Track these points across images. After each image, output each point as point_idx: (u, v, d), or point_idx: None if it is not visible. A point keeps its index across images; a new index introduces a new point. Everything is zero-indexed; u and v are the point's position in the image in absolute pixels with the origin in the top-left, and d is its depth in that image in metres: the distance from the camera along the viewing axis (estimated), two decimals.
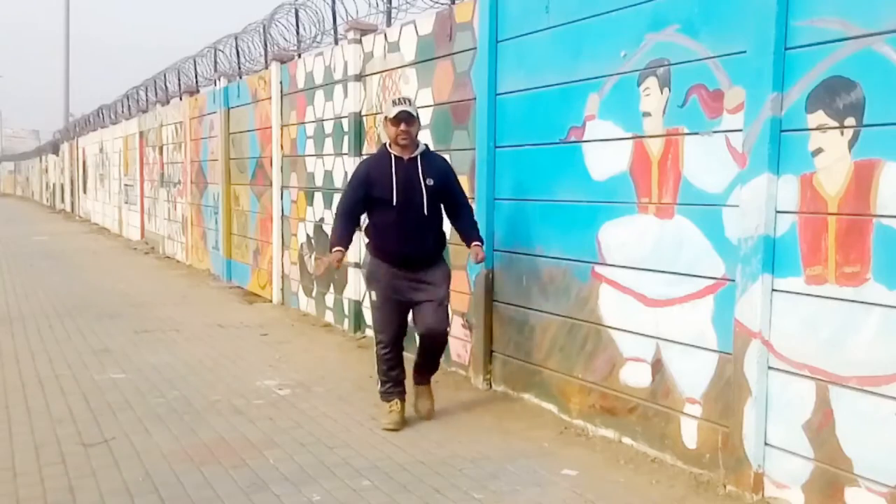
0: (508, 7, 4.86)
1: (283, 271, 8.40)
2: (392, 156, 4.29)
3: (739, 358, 3.35)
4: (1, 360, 5.85)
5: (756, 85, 3.25)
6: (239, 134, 9.73)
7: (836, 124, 3.01)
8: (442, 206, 4.41)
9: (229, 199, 10.15)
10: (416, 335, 4.56)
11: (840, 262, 3.01)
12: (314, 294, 7.64)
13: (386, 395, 4.39)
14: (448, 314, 4.48)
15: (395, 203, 4.23)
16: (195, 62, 12.18)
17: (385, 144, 4.40)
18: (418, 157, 4.31)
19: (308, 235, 7.74)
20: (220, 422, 4.44)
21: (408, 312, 4.43)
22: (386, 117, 4.33)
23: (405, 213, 4.24)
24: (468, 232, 4.50)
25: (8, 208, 31.56)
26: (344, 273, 6.86)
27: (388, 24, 6.51)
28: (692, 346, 3.62)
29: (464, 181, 4.88)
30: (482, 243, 4.50)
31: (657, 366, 3.83)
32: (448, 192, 4.40)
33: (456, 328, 5.30)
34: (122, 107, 18.03)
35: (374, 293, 4.41)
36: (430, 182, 4.27)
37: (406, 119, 4.23)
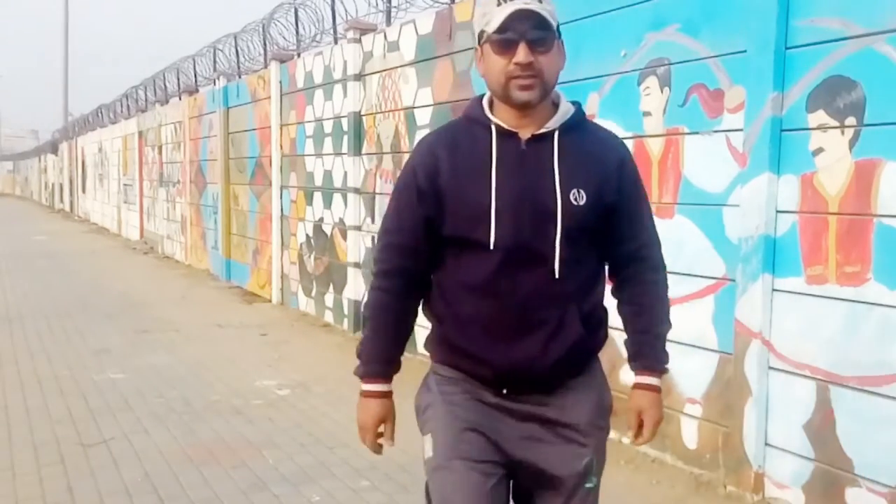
0: None
1: (282, 271, 8.39)
2: (493, 129, 1.75)
3: (740, 358, 3.35)
4: (0, 360, 5.84)
5: (756, 84, 3.25)
6: (238, 133, 9.72)
7: (837, 124, 3.01)
8: (599, 248, 1.82)
9: (228, 198, 10.14)
10: None
11: (841, 262, 3.01)
12: (314, 294, 7.63)
13: None
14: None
15: (492, 244, 1.71)
16: (194, 61, 12.17)
17: (477, 101, 1.83)
18: (555, 136, 1.75)
19: (307, 235, 7.73)
20: (219, 422, 4.43)
21: (506, 491, 1.83)
22: (482, 37, 1.74)
23: (515, 267, 1.73)
24: (638, 324, 1.88)
25: (7, 208, 31.54)
26: (343, 272, 6.85)
27: (388, 23, 6.51)
28: (692, 345, 3.61)
29: None
30: (661, 369, 1.87)
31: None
32: (615, 219, 1.79)
33: None
34: (121, 106, 18.02)
35: (431, 441, 1.82)
36: (579, 196, 1.73)
37: (534, 37, 1.68)
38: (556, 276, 1.71)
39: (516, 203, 1.69)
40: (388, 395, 1.84)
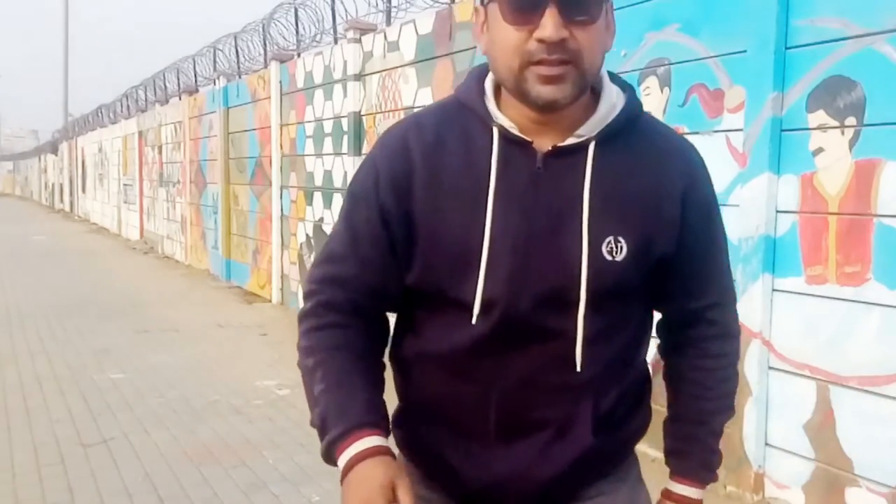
0: None
1: (282, 271, 8.39)
2: (496, 132, 1.15)
3: (740, 358, 3.35)
4: (0, 360, 5.84)
5: (756, 84, 3.25)
6: (238, 133, 9.72)
7: (837, 124, 3.01)
8: (643, 303, 1.26)
9: (228, 198, 10.14)
10: None
11: (840, 262, 3.01)
12: None
13: None
14: None
15: (476, 309, 1.13)
16: (194, 61, 12.17)
17: (476, 79, 1.21)
18: (589, 150, 1.14)
19: (307, 235, 7.73)
20: (219, 422, 4.43)
21: None
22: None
23: (507, 344, 1.16)
24: (691, 410, 1.35)
25: (7, 208, 31.54)
26: None
27: (388, 23, 6.51)
28: None
29: None
30: (708, 479, 1.37)
31: (657, 367, 3.82)
32: (674, 272, 1.21)
33: None
34: (121, 106, 18.02)
35: None
36: (615, 248, 1.14)
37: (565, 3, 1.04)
38: (571, 361, 1.14)
39: (520, 251, 1.11)
40: (386, 451, 1.14)
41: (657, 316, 1.31)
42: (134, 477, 3.61)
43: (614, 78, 1.21)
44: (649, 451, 1.85)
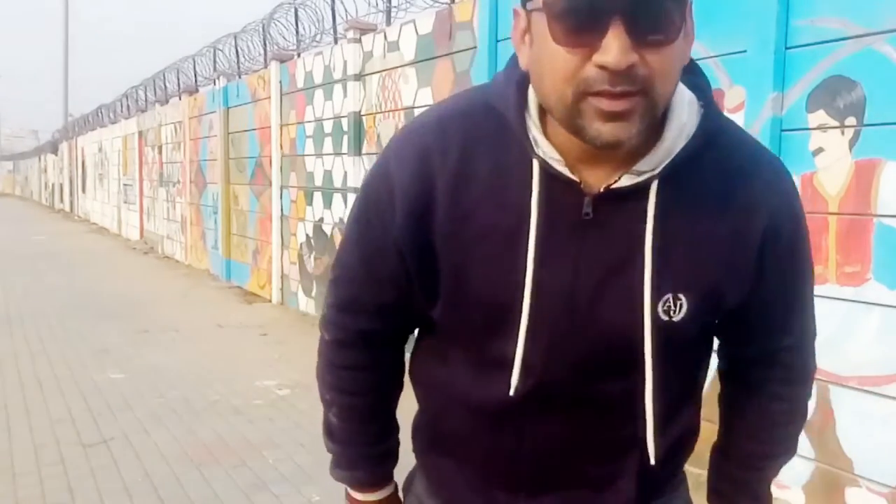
0: (509, 6, 4.85)
1: (282, 271, 8.39)
2: (537, 168, 0.93)
3: None
4: (0, 360, 5.84)
5: (757, 84, 3.25)
6: (238, 133, 9.72)
7: (837, 124, 3.01)
8: (705, 346, 1.11)
9: (228, 198, 10.14)
10: None
11: (840, 262, 3.01)
12: (314, 294, 7.63)
13: None
14: None
15: (516, 375, 0.97)
16: (194, 61, 12.17)
17: (515, 91, 0.94)
18: (651, 192, 0.92)
19: (307, 235, 7.73)
20: (219, 422, 4.43)
21: None
22: (530, 2, 0.87)
23: (549, 407, 1.00)
24: (752, 452, 1.18)
25: (7, 208, 31.54)
26: None
27: (388, 23, 6.51)
28: None
29: None
30: None
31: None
32: (746, 316, 1.04)
33: None
34: (121, 106, 18.02)
35: None
36: (674, 307, 0.95)
37: (643, 12, 0.80)
38: (623, 425, 1.01)
39: (565, 311, 0.95)
40: (393, 498, 1.20)
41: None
42: (134, 477, 3.61)
43: (690, 75, 0.94)
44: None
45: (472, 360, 1.02)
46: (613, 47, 0.79)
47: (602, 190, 0.91)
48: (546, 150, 0.92)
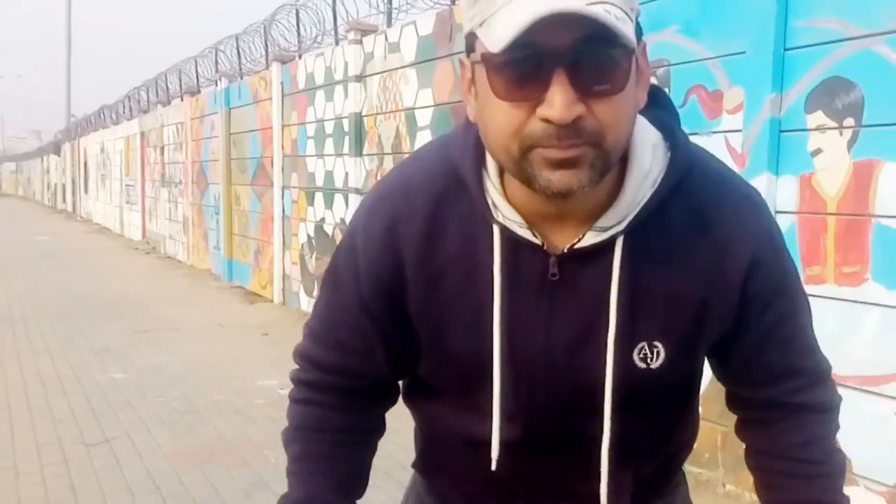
0: None
1: (284, 271, 8.41)
2: (497, 233, 0.93)
3: None
4: (3, 360, 5.86)
5: (755, 85, 3.26)
6: (240, 134, 9.74)
7: (836, 124, 3.02)
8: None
9: (230, 199, 10.16)
10: None
11: (839, 262, 3.02)
12: (315, 294, 7.65)
13: None
14: None
15: (497, 427, 0.99)
16: (196, 63, 12.19)
17: (472, 153, 0.93)
18: (616, 248, 0.91)
19: (309, 235, 7.75)
20: (221, 421, 4.44)
21: None
22: (472, 45, 0.84)
23: (533, 449, 1.03)
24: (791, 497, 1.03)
25: (9, 208, 31.57)
26: None
27: (389, 24, 6.52)
28: None
29: None
30: None
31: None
32: (734, 358, 1.03)
33: None
34: (124, 107, 18.05)
35: None
36: (651, 355, 0.95)
37: (586, 60, 0.77)
38: (600, 457, 1.00)
39: (536, 369, 0.97)
40: None
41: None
42: (136, 476, 3.63)
43: (652, 111, 0.92)
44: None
45: (457, 404, 1.04)
46: (557, 100, 0.77)
47: (566, 251, 0.91)
48: (506, 213, 0.91)
